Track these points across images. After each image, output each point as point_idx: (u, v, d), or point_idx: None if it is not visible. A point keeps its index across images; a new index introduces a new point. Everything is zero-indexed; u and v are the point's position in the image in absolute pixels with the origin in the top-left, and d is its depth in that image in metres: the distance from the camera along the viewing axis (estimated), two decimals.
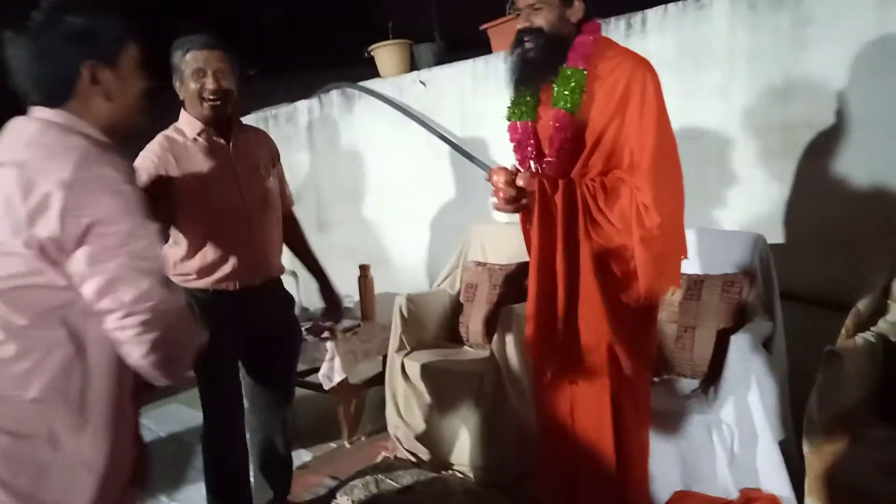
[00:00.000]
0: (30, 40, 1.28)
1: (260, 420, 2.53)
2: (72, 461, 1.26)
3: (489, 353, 2.88)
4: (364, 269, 3.75)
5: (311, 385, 3.57)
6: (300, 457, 3.23)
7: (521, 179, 1.95)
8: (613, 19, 3.20)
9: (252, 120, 5.46)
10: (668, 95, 1.95)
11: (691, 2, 3.01)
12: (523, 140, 2.10)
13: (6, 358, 1.23)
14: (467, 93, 3.91)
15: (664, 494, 2.36)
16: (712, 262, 2.72)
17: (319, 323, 3.58)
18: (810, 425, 1.98)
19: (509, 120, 2.14)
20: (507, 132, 2.15)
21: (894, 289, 2.32)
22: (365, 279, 3.74)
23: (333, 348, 3.30)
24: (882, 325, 2.24)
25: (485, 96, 3.77)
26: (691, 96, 2.96)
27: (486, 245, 3.54)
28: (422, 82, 4.15)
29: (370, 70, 4.52)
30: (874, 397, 2.11)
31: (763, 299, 2.59)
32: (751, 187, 2.91)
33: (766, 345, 2.39)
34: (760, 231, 2.72)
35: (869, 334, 2.20)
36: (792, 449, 2.29)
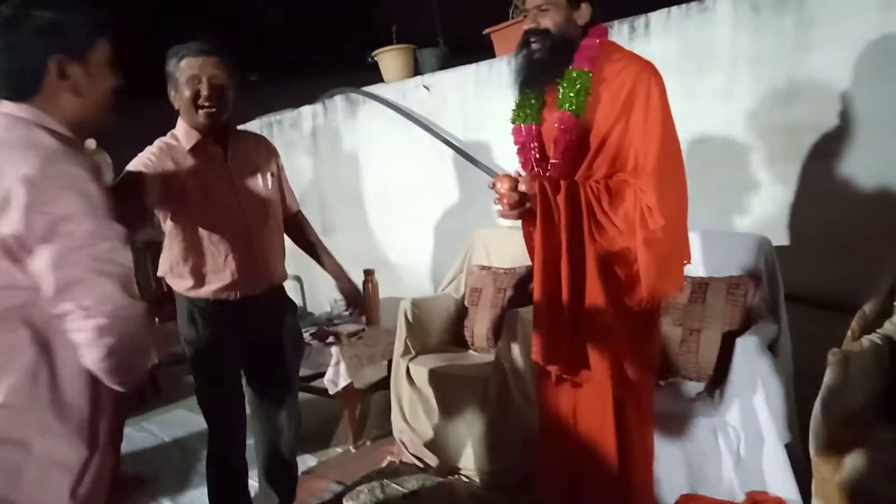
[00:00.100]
0: None
1: (264, 427, 2.52)
2: (46, 464, 1.23)
3: (494, 357, 2.88)
4: (369, 274, 3.75)
5: (316, 390, 3.57)
6: (305, 462, 3.23)
7: (522, 184, 1.95)
8: (616, 22, 3.21)
9: (256, 125, 5.47)
10: (672, 98, 1.96)
11: (694, 5, 3.01)
12: (527, 143, 2.11)
13: None
14: (470, 97, 3.91)
15: (670, 497, 2.36)
16: (717, 264, 2.71)
17: (324, 328, 3.58)
18: (816, 428, 1.97)
19: (514, 123, 2.14)
20: (512, 135, 2.16)
21: None
22: (370, 283, 3.74)
23: (338, 353, 3.30)
24: (888, 327, 2.23)
25: (488, 100, 3.77)
26: (695, 99, 2.96)
27: (490, 249, 3.55)
28: (425, 87, 4.15)
29: (374, 75, 4.53)
30: (880, 399, 2.11)
31: (768, 302, 2.58)
32: (755, 190, 2.91)
33: (772, 347, 2.38)
34: (765, 233, 2.71)
35: (875, 336, 2.19)
36: (798, 452, 2.28)
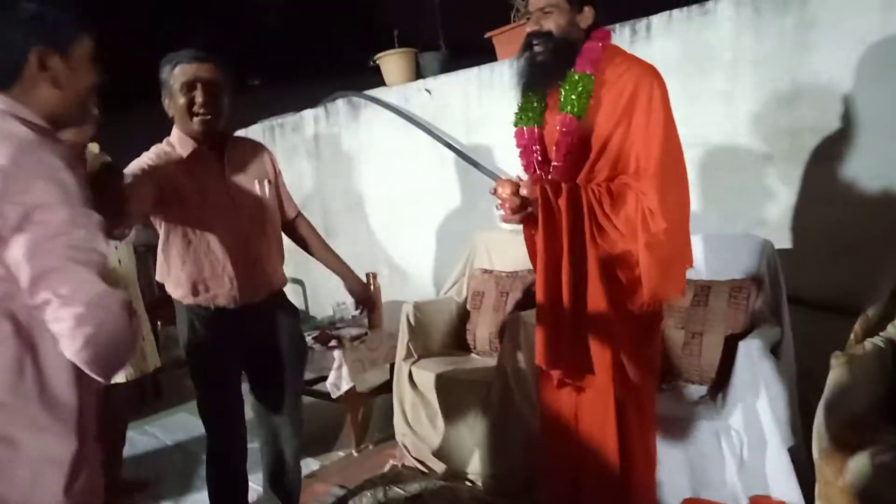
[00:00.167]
0: None
1: (268, 431, 2.51)
2: (36, 460, 1.22)
3: (496, 360, 2.88)
4: (371, 277, 3.75)
5: (318, 394, 3.57)
6: (308, 465, 3.22)
7: (524, 188, 1.95)
8: (618, 25, 3.21)
9: (258, 129, 5.49)
10: (674, 101, 1.96)
11: (696, 7, 3.01)
12: (529, 145, 2.11)
13: None
14: (472, 100, 3.91)
15: (673, 501, 2.35)
16: (720, 267, 2.71)
17: (327, 332, 3.58)
18: (819, 431, 1.97)
19: (516, 126, 2.14)
20: (514, 138, 2.16)
21: None
22: (372, 287, 3.74)
23: (341, 357, 3.30)
24: (891, 330, 2.22)
25: (490, 104, 3.78)
26: (696, 102, 2.96)
27: (492, 252, 3.55)
28: (427, 90, 4.16)
29: (376, 78, 4.54)
30: (883, 402, 2.10)
31: (771, 305, 2.58)
32: (757, 192, 2.90)
33: (775, 350, 2.38)
34: (768, 236, 2.71)
35: (878, 339, 2.18)
36: (801, 455, 2.27)
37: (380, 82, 4.52)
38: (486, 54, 3.92)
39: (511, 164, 2.20)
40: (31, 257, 1.14)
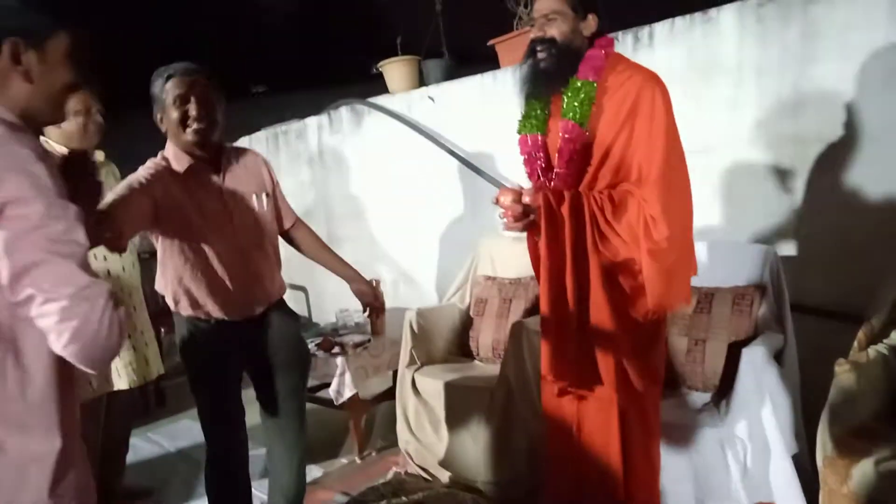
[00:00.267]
0: None
1: (272, 439, 2.50)
2: (19, 460, 1.20)
3: (500, 367, 2.88)
4: (374, 284, 3.75)
5: (321, 401, 3.58)
6: (311, 472, 3.21)
7: (526, 196, 1.95)
8: (621, 33, 3.22)
9: (262, 137, 5.51)
10: (677, 109, 1.96)
11: (699, 15, 3.01)
12: (533, 153, 2.11)
13: None
14: (475, 108, 3.92)
15: None
16: (723, 274, 2.71)
17: (330, 339, 3.59)
18: (824, 439, 1.96)
19: (520, 133, 2.15)
20: (518, 145, 2.16)
21: None
22: None
23: (344, 364, 3.31)
24: (895, 337, 2.22)
25: (493, 111, 3.78)
26: (700, 110, 2.96)
27: (495, 259, 3.55)
28: (430, 98, 4.17)
29: (379, 86, 4.55)
30: (887, 409, 2.09)
31: (774, 312, 2.58)
32: (762, 200, 2.90)
33: (778, 358, 2.38)
34: (771, 243, 2.71)
35: (882, 346, 2.18)
36: (805, 463, 2.27)
37: (383, 90, 4.54)
38: (489, 62, 3.93)
39: (514, 171, 2.21)
40: (11, 253, 1.12)
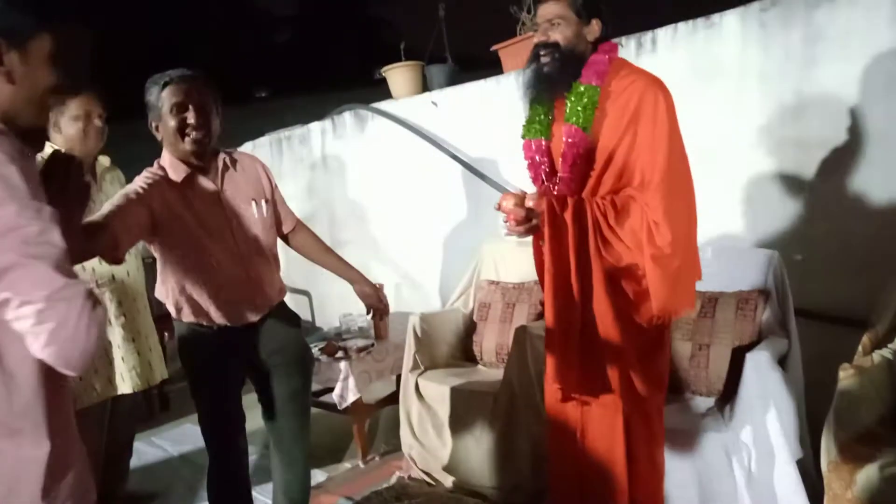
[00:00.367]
0: None
1: (276, 443, 2.50)
2: (12, 465, 1.19)
3: (503, 372, 2.88)
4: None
5: (325, 405, 3.57)
6: (314, 477, 3.21)
7: (530, 200, 1.95)
8: (624, 38, 3.22)
9: (265, 142, 5.52)
10: (680, 114, 1.96)
11: (701, 20, 3.02)
12: (537, 158, 2.12)
13: None
14: (478, 113, 3.93)
15: None
16: (727, 279, 2.71)
17: (333, 343, 3.59)
18: (828, 444, 1.96)
19: (524, 138, 2.15)
20: (522, 150, 2.16)
21: None
22: None
23: (347, 368, 3.31)
24: None
25: (496, 116, 3.79)
26: (703, 114, 2.96)
27: (498, 264, 3.55)
28: (434, 103, 4.18)
29: (382, 91, 4.56)
30: (892, 414, 2.09)
31: (778, 317, 2.57)
32: (765, 204, 2.90)
33: (782, 363, 2.37)
34: (774, 248, 2.70)
35: (886, 351, 2.18)
36: (810, 468, 2.27)
37: (386, 95, 4.55)
38: (492, 67, 3.94)
39: (517, 176, 2.21)
40: None
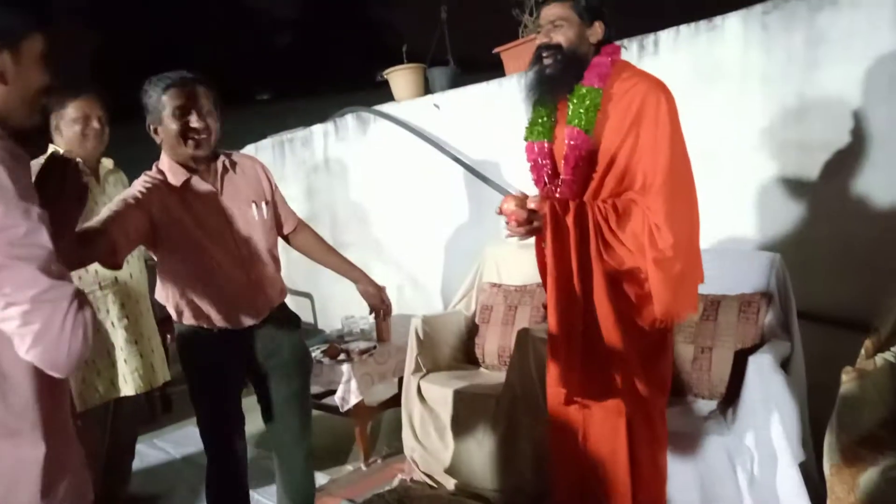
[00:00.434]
0: None
1: (278, 446, 2.50)
2: (12, 462, 1.20)
3: (505, 374, 2.87)
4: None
5: (327, 407, 3.57)
6: (317, 479, 3.21)
7: (532, 202, 1.95)
8: (626, 40, 3.22)
9: (268, 144, 5.53)
10: (682, 116, 1.97)
11: (703, 23, 3.02)
12: (539, 160, 2.12)
13: None
14: (481, 115, 3.93)
15: None
16: (729, 282, 2.70)
17: (336, 345, 3.59)
18: (831, 447, 1.96)
19: (526, 140, 2.15)
20: (525, 152, 2.16)
21: None
22: None
23: (349, 370, 3.31)
24: None
25: (498, 118, 3.79)
26: (705, 117, 2.96)
27: (500, 266, 3.55)
28: (436, 105, 4.18)
29: (384, 93, 4.57)
30: (894, 418, 2.09)
31: (781, 319, 2.57)
32: (767, 207, 2.90)
33: (785, 365, 2.37)
34: (777, 251, 2.70)
35: (889, 354, 2.17)
36: (813, 471, 2.26)
37: (388, 97, 4.55)
38: (494, 69, 3.94)
39: (520, 178, 2.21)
40: None
